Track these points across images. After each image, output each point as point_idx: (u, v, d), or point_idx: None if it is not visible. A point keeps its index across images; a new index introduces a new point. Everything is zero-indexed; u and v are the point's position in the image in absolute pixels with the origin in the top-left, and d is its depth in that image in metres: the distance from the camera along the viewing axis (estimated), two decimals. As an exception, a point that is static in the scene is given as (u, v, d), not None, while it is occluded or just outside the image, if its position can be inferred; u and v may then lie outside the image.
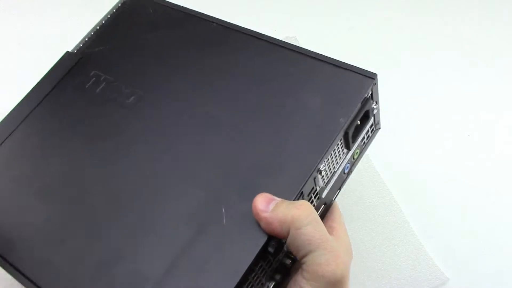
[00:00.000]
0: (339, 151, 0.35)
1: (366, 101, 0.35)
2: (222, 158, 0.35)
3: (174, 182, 0.35)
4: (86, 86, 0.42)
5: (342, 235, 0.35)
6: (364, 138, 0.38)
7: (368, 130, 0.37)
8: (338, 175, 0.36)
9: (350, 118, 0.34)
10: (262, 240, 0.30)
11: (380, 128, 0.40)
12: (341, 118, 0.34)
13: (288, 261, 0.33)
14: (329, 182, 0.36)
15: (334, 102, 0.35)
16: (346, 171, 0.38)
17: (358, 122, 0.35)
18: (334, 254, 0.29)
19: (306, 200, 0.33)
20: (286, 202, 0.31)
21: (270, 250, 0.31)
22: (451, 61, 0.62)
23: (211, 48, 0.41)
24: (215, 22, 0.42)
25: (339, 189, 0.38)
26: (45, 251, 0.34)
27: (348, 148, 0.36)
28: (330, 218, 0.37)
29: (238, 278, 0.29)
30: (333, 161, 0.35)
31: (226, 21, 0.42)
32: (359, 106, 0.34)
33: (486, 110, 0.58)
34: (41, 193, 0.37)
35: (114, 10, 0.46)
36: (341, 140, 0.34)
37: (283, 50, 0.39)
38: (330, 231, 0.32)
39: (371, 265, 0.47)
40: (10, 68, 0.62)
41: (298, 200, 0.32)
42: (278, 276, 0.33)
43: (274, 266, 0.33)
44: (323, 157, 0.33)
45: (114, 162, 0.37)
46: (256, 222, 0.31)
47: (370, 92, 0.35)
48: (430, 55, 0.63)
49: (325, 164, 0.34)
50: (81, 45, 0.45)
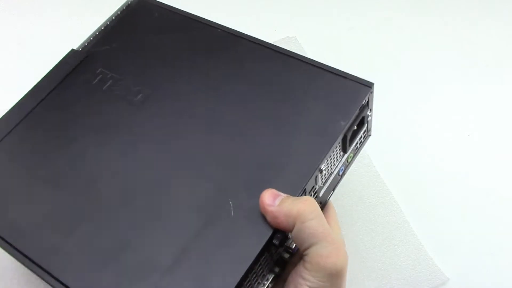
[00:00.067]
0: (337, 154, 0.37)
1: (363, 108, 0.37)
2: (230, 156, 0.36)
3: (183, 175, 0.36)
4: (93, 83, 0.42)
5: (337, 232, 0.37)
6: (357, 143, 0.40)
7: (361, 136, 0.40)
8: (334, 176, 0.39)
9: (350, 122, 0.36)
10: (268, 232, 0.32)
11: (371, 135, 0.42)
12: (342, 121, 0.36)
13: (286, 255, 0.35)
14: (326, 182, 0.38)
15: (335, 107, 0.37)
16: (340, 173, 0.40)
17: (355, 127, 0.37)
18: (335, 246, 0.31)
19: (308, 196, 0.35)
20: (292, 198, 0.32)
21: (275, 242, 0.32)
22: (451, 61, 0.62)
23: (216, 53, 0.42)
24: (220, 29, 0.43)
25: (333, 189, 0.40)
26: (54, 239, 0.35)
27: (344, 151, 0.38)
28: (326, 216, 0.38)
29: (246, 267, 0.31)
30: (331, 162, 0.37)
31: (230, 28, 0.43)
32: (357, 112, 0.37)
33: (486, 110, 0.58)
34: (49, 182, 0.38)
35: (119, 12, 0.47)
36: (339, 143, 0.36)
37: (286, 57, 0.41)
38: None
39: (371, 265, 0.47)
40: (10, 68, 0.62)
41: (301, 196, 0.34)
42: (277, 268, 0.35)
43: (274, 258, 0.34)
44: (325, 157, 0.35)
45: (124, 155, 0.38)
46: (262, 216, 0.33)
47: (367, 99, 0.38)
48: (430, 55, 0.63)
49: (325, 164, 0.35)
50: (86, 43, 0.45)
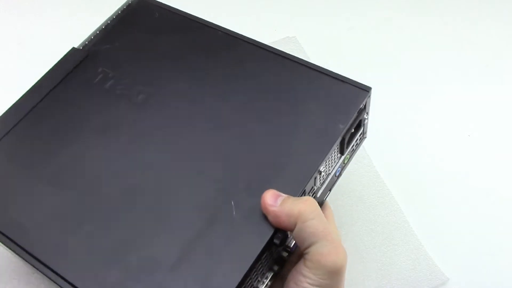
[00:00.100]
0: (335, 156, 0.38)
1: (361, 111, 0.38)
2: (231, 157, 0.37)
3: (185, 175, 0.36)
4: (95, 82, 0.42)
5: (335, 231, 0.38)
6: (354, 145, 0.40)
7: (357, 138, 0.41)
8: (331, 177, 0.39)
9: (348, 125, 0.37)
10: (270, 232, 0.33)
11: (366, 137, 0.43)
12: (340, 125, 0.37)
13: (285, 254, 0.36)
14: (324, 182, 0.38)
15: (334, 111, 0.38)
16: (337, 174, 0.41)
17: (353, 130, 0.38)
18: (335, 245, 0.31)
19: (308, 196, 0.35)
20: (292, 198, 0.33)
21: (276, 242, 0.33)
22: (451, 61, 0.62)
23: (218, 54, 0.42)
24: (220, 30, 0.44)
25: (330, 190, 0.41)
26: (59, 237, 0.35)
27: (342, 153, 0.39)
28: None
29: (248, 266, 0.31)
30: (329, 164, 0.37)
31: (230, 29, 0.44)
32: (356, 115, 0.37)
33: (486, 110, 0.58)
34: (52, 181, 0.38)
35: (119, 12, 0.47)
36: (337, 145, 0.37)
37: (286, 60, 0.41)
38: None
39: (371, 265, 0.47)
40: (10, 68, 0.62)
41: (302, 196, 0.34)
42: (276, 267, 0.35)
43: (274, 257, 0.35)
44: (324, 159, 0.35)
45: (127, 154, 0.38)
46: (263, 216, 0.33)
47: (365, 103, 0.38)
48: (430, 55, 0.63)
49: (324, 166, 0.36)
50: (86, 42, 0.45)
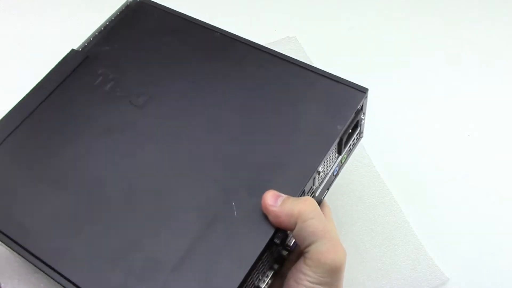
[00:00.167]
0: (333, 156, 0.38)
1: (358, 112, 0.38)
2: (231, 158, 0.37)
3: (186, 176, 0.37)
4: (95, 84, 0.42)
5: (333, 229, 0.38)
6: (351, 144, 0.41)
7: (354, 138, 0.41)
8: (329, 177, 0.40)
9: (345, 127, 0.37)
10: (270, 232, 0.33)
11: (363, 136, 0.43)
12: (338, 126, 0.37)
13: (285, 252, 0.36)
14: (322, 182, 0.39)
15: (332, 112, 0.38)
16: (335, 174, 0.41)
17: (350, 130, 0.39)
18: (334, 244, 0.32)
19: (308, 196, 0.36)
20: (292, 198, 0.34)
21: (277, 241, 0.33)
22: (451, 61, 0.62)
23: (216, 56, 0.43)
24: (218, 32, 0.44)
25: (327, 189, 0.42)
26: (63, 239, 0.35)
27: (339, 153, 0.39)
28: None
29: (250, 265, 0.32)
30: (328, 164, 0.38)
31: (228, 31, 0.44)
32: (353, 116, 0.38)
33: (486, 110, 0.58)
34: (54, 183, 0.38)
35: (118, 13, 0.47)
36: (335, 146, 0.38)
37: (284, 62, 0.42)
38: None
39: (371, 265, 0.47)
40: (10, 68, 0.62)
41: (301, 196, 0.35)
42: (276, 265, 0.36)
43: (274, 255, 0.35)
44: (323, 159, 0.36)
45: (128, 156, 0.38)
46: (263, 216, 0.34)
47: (362, 104, 0.39)
48: (430, 55, 0.63)
49: (322, 166, 0.37)
50: (86, 44, 0.45)
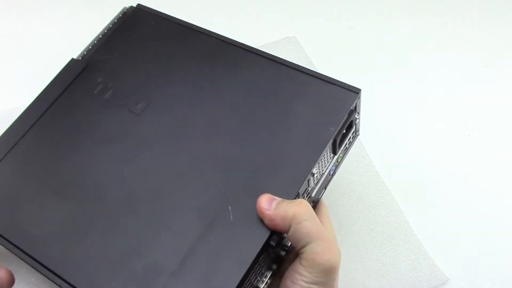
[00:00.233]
0: (327, 156, 0.39)
1: (351, 112, 0.39)
2: (227, 162, 0.38)
3: (185, 182, 0.38)
4: (95, 92, 0.43)
5: (329, 228, 0.39)
6: (346, 144, 0.42)
7: (350, 137, 0.42)
8: (325, 176, 0.41)
9: (339, 128, 0.38)
10: (266, 234, 0.34)
11: (359, 134, 0.44)
12: (331, 127, 0.38)
13: (283, 252, 0.37)
14: (318, 182, 0.40)
15: (325, 113, 0.39)
16: (331, 173, 0.42)
17: (344, 131, 0.39)
18: (329, 245, 0.33)
19: (301, 198, 0.37)
20: (286, 201, 0.34)
21: (272, 243, 0.34)
22: (451, 61, 0.62)
23: (211, 61, 0.43)
24: (214, 37, 0.45)
25: (325, 188, 0.42)
26: (67, 247, 0.37)
27: (334, 153, 0.40)
28: (319, 213, 0.40)
29: (246, 268, 0.33)
30: (323, 164, 0.38)
31: (224, 36, 0.45)
32: (346, 117, 0.38)
33: (486, 110, 0.58)
34: (60, 191, 0.39)
35: (115, 20, 0.48)
36: (329, 147, 0.38)
37: (277, 64, 0.42)
38: None
39: (371, 265, 0.47)
40: (10, 68, 0.62)
41: (296, 199, 0.36)
42: (274, 266, 0.37)
43: (271, 256, 0.36)
44: (316, 162, 0.37)
45: (128, 163, 0.39)
46: (259, 219, 0.35)
47: (355, 104, 0.39)
48: (430, 55, 0.63)
49: (317, 168, 0.37)
50: (85, 52, 0.46)
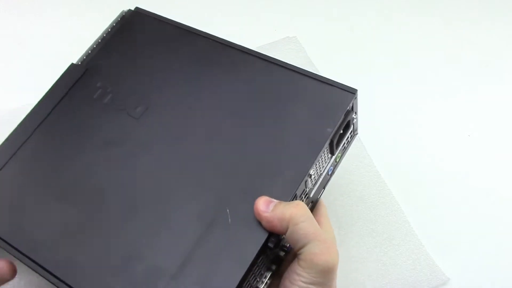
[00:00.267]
0: (325, 157, 0.39)
1: (348, 113, 0.39)
2: (225, 165, 0.38)
3: (184, 185, 0.38)
4: (94, 97, 0.44)
5: (328, 228, 0.39)
6: (344, 143, 0.42)
7: (348, 137, 0.42)
8: (323, 176, 0.41)
9: (335, 129, 0.38)
10: (264, 236, 0.34)
11: (357, 133, 0.44)
12: (328, 128, 0.38)
13: (282, 253, 0.37)
14: (316, 183, 0.40)
15: (321, 115, 0.39)
16: (329, 173, 0.42)
17: (341, 131, 0.39)
18: (326, 245, 0.33)
19: (299, 200, 0.37)
20: (284, 203, 0.34)
21: (270, 245, 0.34)
22: (451, 61, 0.62)
23: (209, 64, 0.44)
24: (212, 39, 0.45)
25: (324, 188, 0.42)
26: (69, 251, 0.37)
27: (332, 153, 0.40)
28: (317, 213, 0.40)
29: (244, 270, 0.33)
30: (320, 165, 0.39)
31: (222, 38, 0.45)
32: (343, 117, 0.39)
33: (486, 110, 0.58)
34: (61, 196, 0.39)
35: (114, 24, 0.48)
36: (327, 147, 0.38)
37: (274, 66, 0.42)
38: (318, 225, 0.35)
39: (372, 265, 0.47)
40: (10, 68, 0.62)
41: (293, 201, 0.36)
42: (274, 266, 0.37)
43: (270, 257, 0.36)
44: (313, 163, 0.37)
45: (128, 167, 0.40)
46: (257, 221, 0.35)
47: (351, 105, 0.39)
48: (430, 55, 0.63)
49: (314, 169, 0.37)
50: (84, 57, 0.46)
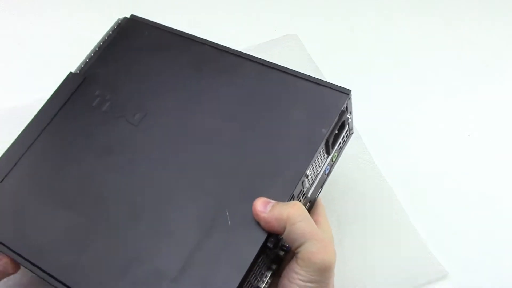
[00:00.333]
0: (321, 157, 0.40)
1: (342, 113, 0.40)
2: (223, 168, 0.39)
3: (183, 189, 0.39)
4: (93, 105, 0.44)
5: (326, 227, 0.40)
6: (340, 143, 0.42)
7: (343, 136, 0.42)
8: (320, 176, 0.41)
9: (330, 129, 0.39)
10: (263, 237, 0.35)
11: (353, 132, 0.45)
12: (323, 129, 0.38)
13: (281, 252, 0.37)
14: (313, 183, 0.40)
15: (316, 116, 0.39)
16: (326, 173, 0.43)
17: (336, 131, 0.40)
18: (323, 244, 0.33)
19: (296, 200, 0.37)
20: (281, 203, 0.35)
21: (270, 245, 0.35)
22: (451, 61, 0.62)
23: (205, 69, 0.44)
24: (207, 44, 0.45)
25: (321, 187, 0.43)
26: (72, 256, 0.38)
27: (328, 153, 0.41)
28: (315, 213, 0.41)
29: (245, 270, 0.34)
30: (316, 165, 0.39)
31: (217, 43, 0.45)
32: (337, 118, 0.39)
33: (486, 110, 0.58)
34: (63, 202, 0.40)
35: (110, 32, 0.48)
36: (322, 148, 0.39)
37: (268, 69, 0.43)
38: (316, 224, 0.36)
39: (372, 263, 0.47)
40: (10, 68, 0.62)
41: (290, 201, 0.36)
42: (274, 265, 0.37)
43: (270, 257, 0.37)
44: (309, 164, 0.37)
45: (128, 173, 0.40)
46: (256, 222, 0.35)
47: (346, 105, 0.40)
48: (430, 55, 0.63)
49: (310, 169, 0.38)
50: (82, 66, 0.47)
